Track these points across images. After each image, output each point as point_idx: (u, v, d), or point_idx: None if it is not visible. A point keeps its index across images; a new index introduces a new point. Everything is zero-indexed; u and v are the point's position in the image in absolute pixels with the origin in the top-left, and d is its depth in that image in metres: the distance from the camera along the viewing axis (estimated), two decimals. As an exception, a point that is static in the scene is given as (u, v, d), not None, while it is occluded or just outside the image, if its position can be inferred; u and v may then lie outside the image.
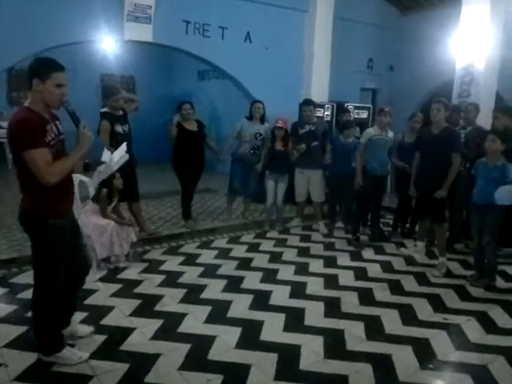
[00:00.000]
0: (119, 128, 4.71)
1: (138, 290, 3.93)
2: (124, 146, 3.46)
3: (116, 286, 3.97)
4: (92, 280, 4.04)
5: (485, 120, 5.96)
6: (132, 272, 4.34)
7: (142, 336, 3.12)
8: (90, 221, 4.30)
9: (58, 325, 2.77)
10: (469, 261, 4.79)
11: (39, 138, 2.38)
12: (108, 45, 8.20)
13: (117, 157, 3.33)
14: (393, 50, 9.85)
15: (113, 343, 3.01)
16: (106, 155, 3.31)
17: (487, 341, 3.20)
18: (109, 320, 3.34)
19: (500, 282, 4.32)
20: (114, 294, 3.81)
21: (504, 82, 6.69)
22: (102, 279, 4.12)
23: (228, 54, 7.69)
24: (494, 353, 3.01)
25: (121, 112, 4.85)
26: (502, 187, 3.91)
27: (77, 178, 3.37)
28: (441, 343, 3.14)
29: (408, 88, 9.23)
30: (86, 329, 3.11)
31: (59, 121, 2.63)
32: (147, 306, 3.59)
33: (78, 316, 3.19)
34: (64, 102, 2.49)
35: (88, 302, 3.64)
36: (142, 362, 2.79)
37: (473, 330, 3.34)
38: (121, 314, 3.45)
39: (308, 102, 6.01)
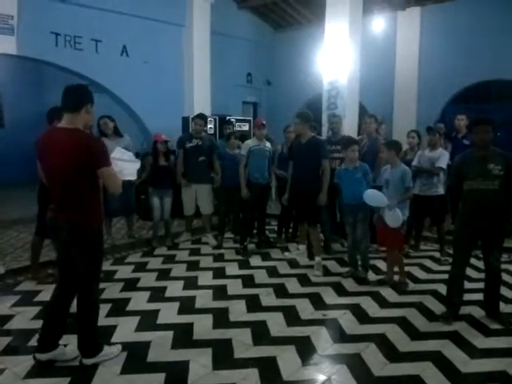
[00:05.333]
0: None
1: (9, 326, 3.56)
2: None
3: (-18, 325, 3.56)
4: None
5: (351, 129, 6.61)
6: (1, 307, 3.93)
7: (15, 377, 2.84)
8: None
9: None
10: (344, 259, 5.20)
11: (109, 156, 2.80)
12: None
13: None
14: (269, 66, 10.40)
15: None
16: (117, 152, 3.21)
17: (360, 330, 3.50)
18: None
19: (371, 276, 4.77)
20: (-20, 335, 3.42)
21: (365, 94, 7.47)
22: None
23: (103, 67, 7.44)
24: (366, 341, 3.30)
25: None
26: (370, 190, 4.37)
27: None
28: (320, 338, 3.37)
29: (284, 101, 9.81)
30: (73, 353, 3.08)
31: None
32: (20, 344, 3.27)
33: None
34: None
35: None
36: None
37: (348, 322, 3.64)
38: (-13, 355, 3.10)
39: (201, 116, 6.05)
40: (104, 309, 3.83)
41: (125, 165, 3.12)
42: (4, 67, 9.40)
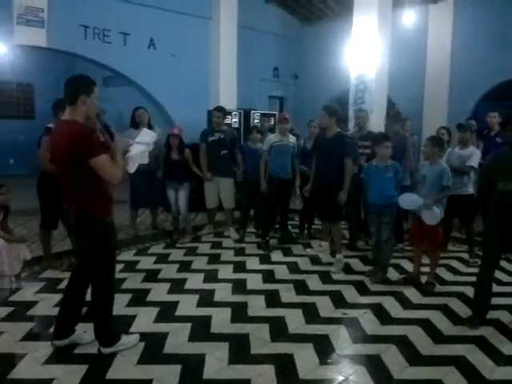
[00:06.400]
0: None
1: (32, 312, 3.64)
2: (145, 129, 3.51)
3: (6, 310, 3.64)
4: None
5: (378, 125, 6.45)
6: (26, 293, 4.01)
7: (35, 362, 2.89)
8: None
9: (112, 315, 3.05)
10: (368, 257, 5.10)
11: (101, 146, 2.74)
12: (-2, 50, 7.57)
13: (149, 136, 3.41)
14: (296, 60, 10.27)
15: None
16: (143, 134, 3.35)
17: (381, 331, 3.41)
18: (-4, 348, 3.06)
19: (394, 275, 4.65)
20: (4, 319, 3.49)
21: (394, 89, 7.29)
22: (-10, 303, 3.77)
23: (131, 60, 7.51)
24: (386, 342, 3.21)
25: None
26: (403, 195, 4.25)
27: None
28: (339, 337, 3.29)
29: (311, 96, 9.68)
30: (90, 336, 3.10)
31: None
32: (42, 330, 3.33)
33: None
34: (99, 115, 2.82)
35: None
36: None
37: (368, 322, 3.55)
38: (11, 339, 3.16)
39: (218, 109, 6.02)
40: (125, 298, 3.90)
41: (141, 148, 3.18)
42: (35, 59, 9.60)
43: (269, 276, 4.59)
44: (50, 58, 9.50)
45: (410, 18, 8.16)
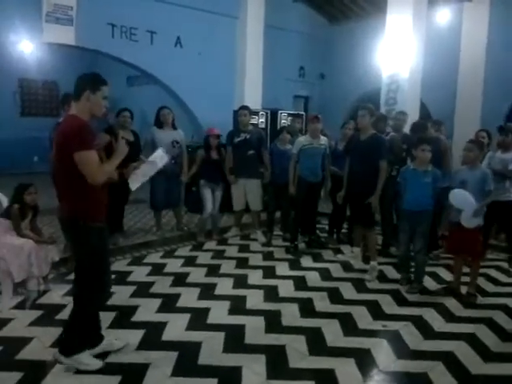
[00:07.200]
0: None
1: (61, 316, 3.55)
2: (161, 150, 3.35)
3: (35, 313, 3.56)
4: (6, 308, 3.64)
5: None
6: (54, 296, 3.94)
7: (66, 371, 2.79)
8: (4, 241, 3.86)
9: (89, 327, 2.86)
10: (402, 264, 4.89)
11: (91, 142, 2.63)
12: (26, 47, 7.56)
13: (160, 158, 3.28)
14: (323, 59, 10.09)
15: (28, 381, 2.67)
16: (156, 155, 3.24)
17: (425, 346, 3.21)
18: (27, 353, 2.97)
19: (431, 284, 4.44)
20: (33, 323, 3.42)
21: (424, 89, 7.03)
22: (18, 306, 3.70)
23: (157, 59, 7.43)
24: (433, 359, 3.02)
25: None
26: (458, 190, 3.94)
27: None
28: (382, 352, 3.12)
29: (338, 96, 9.49)
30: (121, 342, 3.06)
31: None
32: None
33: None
34: (105, 114, 2.75)
35: (3, 333, 3.24)
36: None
37: (411, 336, 3.35)
38: (40, 345, 3.08)
39: (245, 107, 5.92)
40: (155, 304, 3.80)
41: (149, 168, 3.15)
42: (60, 57, 9.61)
43: (300, 283, 4.43)
44: (73, 56, 9.52)
45: (443, 16, 7.90)
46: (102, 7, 6.73)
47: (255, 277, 4.57)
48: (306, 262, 5.11)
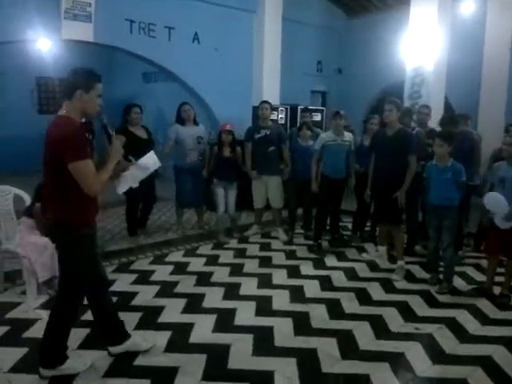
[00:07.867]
0: None
1: (87, 316, 3.50)
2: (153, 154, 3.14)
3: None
4: (31, 308, 3.61)
5: (435, 120, 6.03)
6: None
7: (94, 374, 2.74)
8: (27, 240, 3.84)
9: (67, 336, 2.74)
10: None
11: (86, 150, 2.46)
12: (44, 45, 7.55)
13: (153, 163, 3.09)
14: (341, 53, 9.91)
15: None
16: (148, 159, 3.03)
17: (461, 350, 3.10)
18: (53, 356, 2.92)
19: (462, 284, 4.31)
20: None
21: (448, 82, 6.83)
22: (43, 306, 3.67)
23: (175, 55, 7.34)
24: (471, 364, 2.90)
25: None
26: (491, 193, 3.84)
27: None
28: (417, 357, 3.00)
29: (356, 90, 9.31)
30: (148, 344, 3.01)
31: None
32: (97, 336, 3.19)
33: (16, 353, 2.79)
34: (100, 113, 2.60)
35: (28, 334, 3.21)
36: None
37: (446, 339, 3.24)
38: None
39: (265, 101, 5.83)
40: (179, 304, 3.75)
41: (139, 171, 2.92)
42: (76, 54, 9.56)
43: (326, 283, 4.33)
44: (89, 52, 9.45)
45: (467, 8, 7.65)
46: (120, 3, 6.65)
47: (280, 276, 4.48)
48: (331, 261, 5.01)
